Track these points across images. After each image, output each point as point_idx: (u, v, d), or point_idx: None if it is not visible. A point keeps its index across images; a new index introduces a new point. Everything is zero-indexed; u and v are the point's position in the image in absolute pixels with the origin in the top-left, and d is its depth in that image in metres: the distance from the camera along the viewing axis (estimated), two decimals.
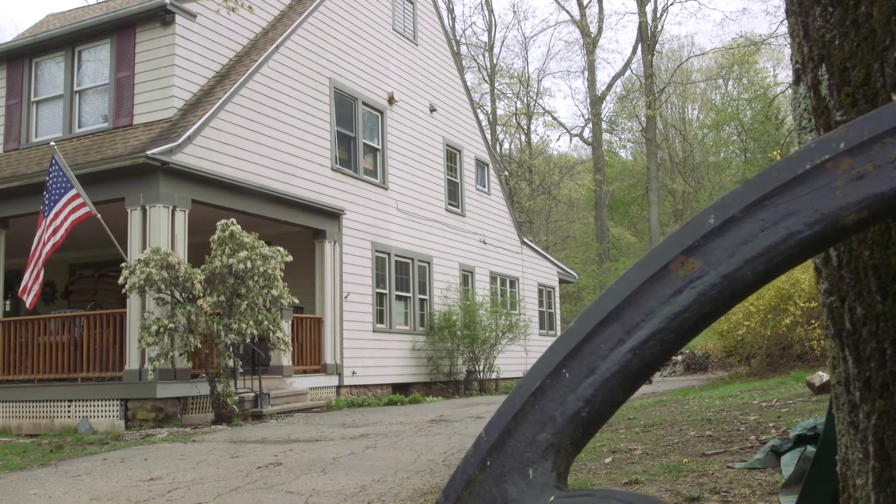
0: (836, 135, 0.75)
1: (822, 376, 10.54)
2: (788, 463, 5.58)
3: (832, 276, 1.15)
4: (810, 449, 5.10)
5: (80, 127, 16.95)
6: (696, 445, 7.66)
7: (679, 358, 32.03)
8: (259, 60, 16.79)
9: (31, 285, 13.69)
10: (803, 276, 15.63)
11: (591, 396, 0.75)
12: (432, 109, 23.81)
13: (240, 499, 6.59)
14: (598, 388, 0.75)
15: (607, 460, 7.23)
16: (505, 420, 0.79)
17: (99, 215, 13.42)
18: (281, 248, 14.13)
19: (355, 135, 20.07)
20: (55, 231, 13.43)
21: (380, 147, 21.10)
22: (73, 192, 13.25)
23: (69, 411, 14.52)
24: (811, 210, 0.74)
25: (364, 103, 20.52)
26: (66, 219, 13.34)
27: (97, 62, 17.02)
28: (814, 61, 1.14)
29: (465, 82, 26.72)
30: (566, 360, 0.77)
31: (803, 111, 1.25)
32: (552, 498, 0.73)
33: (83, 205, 13.31)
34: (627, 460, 7.14)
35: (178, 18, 15.91)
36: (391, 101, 21.59)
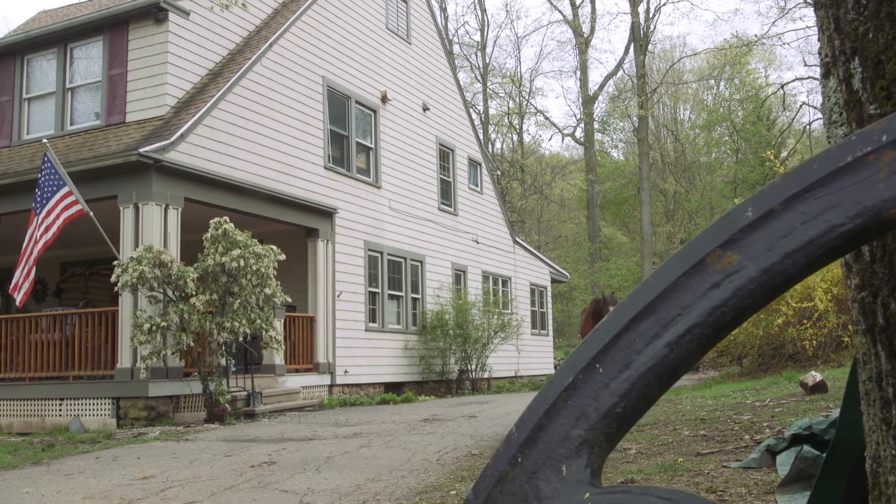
0: (877, 127, 0.74)
1: (815, 376, 10.57)
2: (784, 462, 5.58)
3: (864, 271, 1.14)
4: (807, 448, 5.10)
5: (72, 124, 16.89)
6: (690, 445, 7.66)
7: None
8: (252, 58, 16.75)
9: (21, 283, 13.62)
10: None
11: (627, 391, 0.74)
12: (425, 108, 23.79)
13: (234, 497, 6.57)
14: (633, 383, 0.74)
15: None
16: (536, 416, 0.77)
17: (91, 213, 13.36)
18: (274, 247, 14.10)
19: (348, 133, 20.04)
20: (47, 229, 13.37)
21: (373, 146, 21.08)
22: (65, 190, 13.20)
23: (61, 410, 14.46)
24: (853, 203, 0.73)
25: (357, 102, 20.49)
26: (58, 216, 13.28)
27: (90, 59, 16.96)
28: (846, 54, 1.13)
29: (458, 81, 26.70)
30: (599, 355, 0.76)
31: (833, 105, 1.23)
32: (587, 495, 0.72)
33: (75, 202, 13.25)
34: (622, 459, 7.14)
35: (172, 16, 15.86)
36: (384, 99, 21.56)
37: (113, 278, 13.30)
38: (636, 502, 0.69)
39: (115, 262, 13.43)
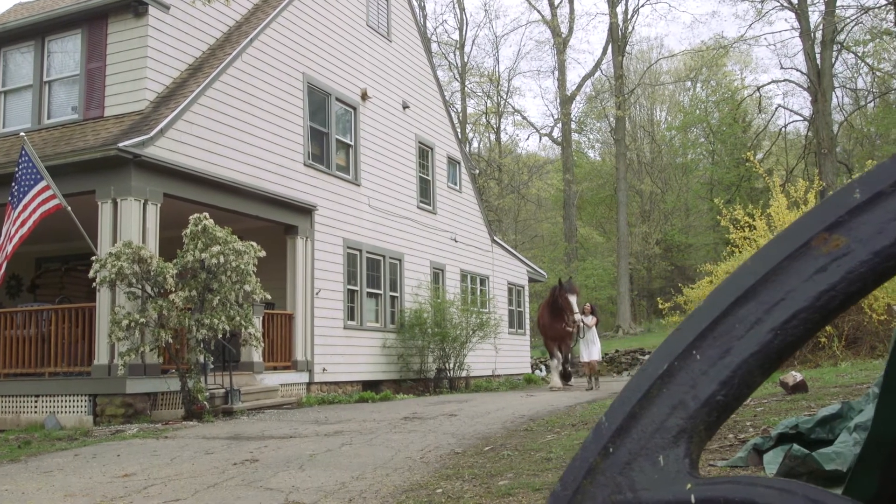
0: None
1: (795, 376, 10.61)
2: (772, 461, 5.60)
3: None
4: (796, 447, 5.11)
5: (49, 118, 16.70)
6: None
7: (647, 357, 32.20)
8: (233, 54, 16.63)
9: None
10: None
11: (728, 378, 0.71)
12: (405, 106, 23.73)
13: (219, 495, 6.50)
14: (734, 370, 0.71)
15: None
16: (629, 405, 0.74)
17: (69, 208, 13.22)
18: (254, 244, 14.00)
19: (328, 130, 19.96)
20: (23, 223, 13.21)
21: (352, 143, 20.99)
22: (42, 184, 13.04)
23: (36, 406, 14.29)
24: None
25: (337, 99, 20.40)
26: (34, 211, 13.12)
27: (67, 53, 16.77)
28: None
29: (437, 80, 26.66)
30: (696, 342, 0.73)
31: None
32: (688, 486, 0.69)
33: (53, 197, 13.10)
34: None
35: (152, 10, 15.71)
36: (364, 97, 21.48)
37: (91, 274, 13.16)
38: (745, 493, 0.66)
39: (93, 258, 13.28)
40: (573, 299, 19.86)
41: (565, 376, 20.69)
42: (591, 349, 20.15)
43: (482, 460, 7.64)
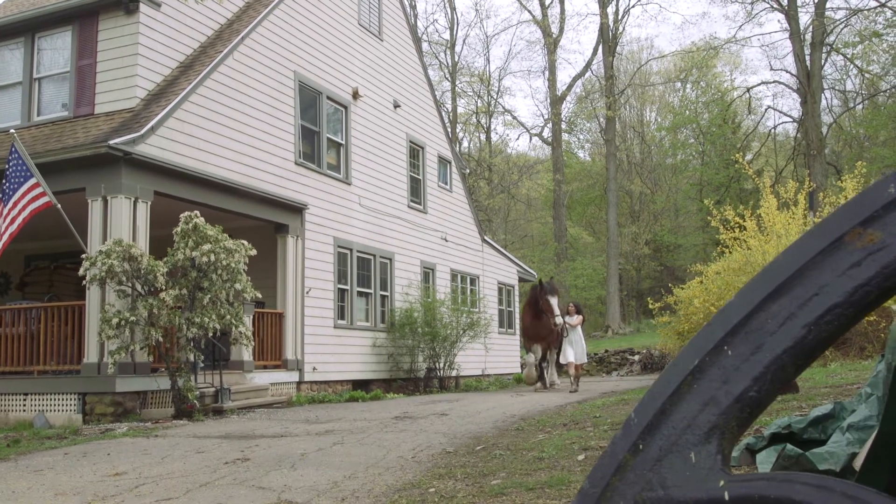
0: None
1: None
2: (765, 461, 5.60)
3: None
4: (790, 447, 5.12)
5: (39, 115, 16.61)
6: None
7: (636, 358, 32.25)
8: (224, 52, 16.58)
9: None
10: None
11: (761, 374, 0.70)
12: (396, 105, 23.71)
13: (211, 494, 6.48)
14: (768, 365, 0.70)
15: (580, 457, 7.22)
16: (659, 401, 0.74)
17: (59, 205, 13.16)
18: (245, 242, 13.96)
19: (319, 129, 19.92)
20: (13, 220, 13.15)
21: (343, 142, 20.96)
22: (32, 181, 12.98)
23: (24, 405, 14.22)
24: None
25: (328, 98, 20.37)
26: (24, 208, 13.06)
27: (57, 50, 16.69)
28: None
29: (429, 79, 26.64)
30: (728, 337, 0.72)
31: None
32: (721, 483, 0.68)
33: (43, 194, 13.04)
34: (594, 458, 7.14)
35: (143, 7, 15.66)
36: (355, 96, 21.45)
37: (81, 272, 13.10)
38: (782, 490, 0.65)
39: (83, 256, 13.22)
40: (554, 301, 19.22)
41: (541, 376, 20.09)
42: (575, 350, 19.22)
43: (474, 460, 7.64)
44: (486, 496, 5.85)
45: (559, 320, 18.99)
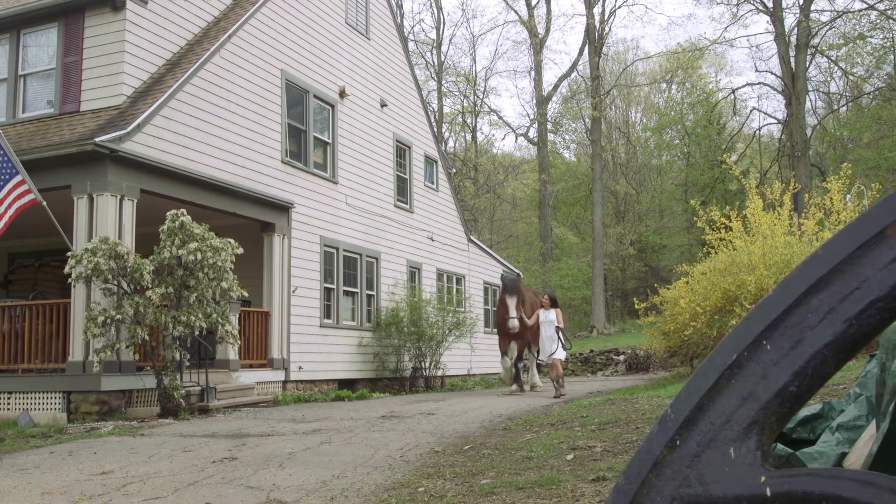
0: None
1: None
2: None
3: None
4: (780, 447, 5.12)
5: (24, 112, 16.50)
6: None
7: (621, 358, 32.31)
8: (211, 49, 16.52)
9: None
10: (749, 277, 15.84)
11: (801, 369, 0.70)
12: (383, 104, 23.68)
13: (199, 493, 6.45)
14: (808, 360, 0.70)
15: (569, 457, 7.22)
16: (696, 396, 0.73)
17: (44, 203, 13.08)
18: (231, 240, 13.91)
19: (306, 128, 19.87)
20: None
21: (330, 141, 20.92)
22: (18, 179, 12.90)
23: (9, 403, 14.12)
24: None
25: (315, 96, 20.32)
26: (10, 206, 12.97)
27: (43, 46, 16.58)
28: None
29: (415, 78, 26.62)
30: (766, 332, 0.72)
31: None
32: (763, 478, 0.68)
33: (28, 191, 12.96)
34: (589, 457, 7.14)
35: (129, 4, 15.57)
36: (342, 94, 21.41)
37: (67, 269, 13.03)
38: (828, 487, 0.64)
39: (69, 254, 13.14)
40: (512, 303, 17.97)
41: (516, 378, 18.56)
42: (551, 347, 17.29)
43: (462, 459, 7.63)
44: (476, 495, 5.85)
45: (514, 322, 17.72)
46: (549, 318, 17.32)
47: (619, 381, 24.76)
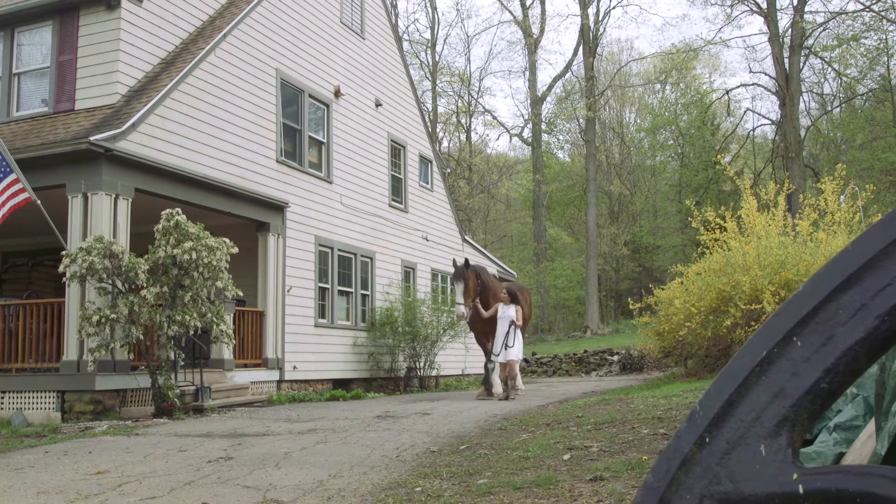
0: None
1: None
2: None
3: None
4: None
5: (18, 110, 16.44)
6: (651, 443, 7.70)
7: (615, 358, 32.34)
8: (206, 48, 16.49)
9: None
10: (744, 278, 15.87)
11: (833, 366, 0.69)
12: (378, 104, 23.66)
13: (195, 493, 6.43)
14: (840, 356, 0.69)
15: (565, 457, 7.22)
16: (725, 393, 0.72)
17: (39, 201, 13.04)
18: (226, 240, 13.88)
19: (301, 127, 19.85)
20: None
21: (325, 140, 20.90)
22: (12, 177, 12.86)
23: (2, 403, 14.08)
24: None
25: (310, 96, 20.30)
26: (4, 204, 12.94)
27: (37, 45, 16.54)
28: None
29: (410, 78, 26.60)
30: (797, 328, 0.71)
31: None
32: (794, 476, 0.67)
33: (22, 190, 12.93)
34: (586, 457, 7.14)
35: (124, 2, 15.54)
36: (337, 94, 21.39)
37: (61, 268, 12.99)
38: (861, 484, 0.64)
39: (64, 253, 13.10)
40: (459, 288, 16.22)
41: (486, 379, 16.79)
42: (502, 345, 15.77)
43: (459, 459, 7.62)
44: (473, 495, 5.84)
45: (461, 310, 16.09)
46: (507, 315, 15.85)
47: (613, 381, 24.78)
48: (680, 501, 0.70)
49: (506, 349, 15.72)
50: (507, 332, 15.72)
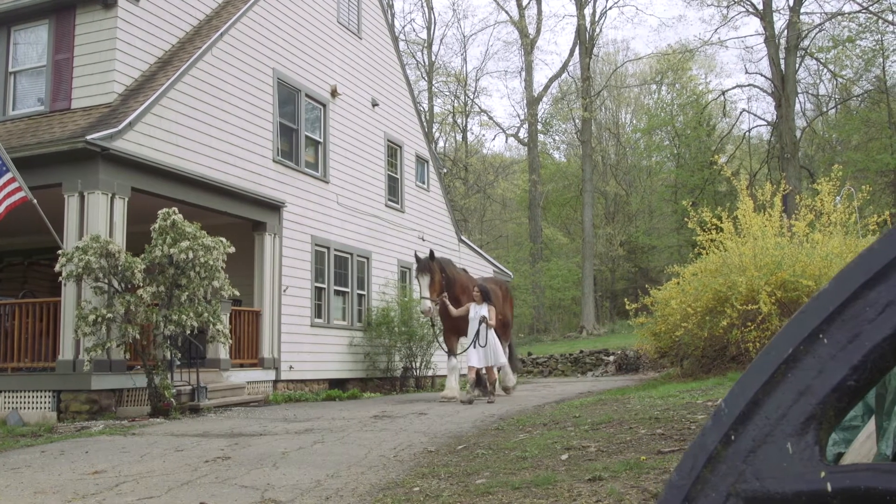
0: None
1: None
2: None
3: None
4: None
5: (14, 109, 16.41)
6: (649, 444, 7.69)
7: (611, 358, 32.35)
8: (203, 48, 16.47)
9: None
10: (740, 278, 15.87)
11: (860, 363, 0.69)
12: (374, 104, 23.65)
13: (193, 493, 6.42)
14: (866, 353, 0.69)
15: (563, 457, 7.21)
16: (750, 391, 0.72)
17: (35, 201, 13.01)
18: (223, 239, 13.86)
19: (298, 127, 19.83)
20: None
21: (322, 140, 20.88)
22: (8, 176, 12.83)
23: None
24: None
25: (307, 95, 20.28)
26: (0, 203, 12.90)
27: (33, 44, 16.50)
28: None
29: (407, 78, 26.59)
30: (823, 325, 0.71)
31: None
32: (822, 474, 0.67)
33: (18, 189, 12.90)
34: (584, 457, 7.13)
35: (121, 1, 15.51)
36: (334, 94, 21.38)
37: (57, 268, 12.96)
38: (890, 482, 0.63)
39: (60, 252, 13.08)
40: (425, 282, 15.36)
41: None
42: (480, 350, 15.07)
43: (457, 459, 7.62)
44: (471, 495, 5.83)
45: (426, 304, 15.30)
46: (479, 314, 15.10)
47: (609, 381, 24.78)
48: (705, 499, 0.70)
49: (475, 348, 15.07)
50: (478, 332, 15.00)
